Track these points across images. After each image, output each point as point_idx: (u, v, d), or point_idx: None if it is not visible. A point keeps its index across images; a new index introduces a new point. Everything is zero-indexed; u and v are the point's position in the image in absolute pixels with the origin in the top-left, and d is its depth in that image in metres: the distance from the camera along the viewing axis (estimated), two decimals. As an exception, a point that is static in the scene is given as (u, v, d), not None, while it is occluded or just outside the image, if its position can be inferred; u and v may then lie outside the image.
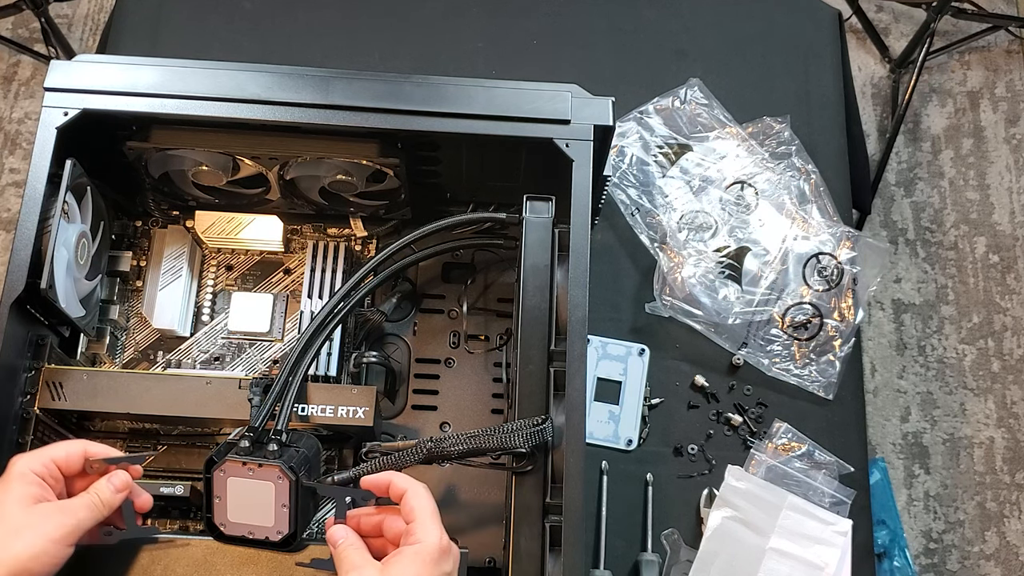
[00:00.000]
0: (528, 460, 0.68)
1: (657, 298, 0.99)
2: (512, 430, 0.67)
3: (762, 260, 1.01)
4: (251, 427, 0.71)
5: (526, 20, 1.16)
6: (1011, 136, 1.91)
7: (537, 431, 0.66)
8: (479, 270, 0.92)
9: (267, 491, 0.68)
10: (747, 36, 1.16)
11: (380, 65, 1.11)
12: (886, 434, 1.70)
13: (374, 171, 0.80)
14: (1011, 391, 1.72)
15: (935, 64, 1.94)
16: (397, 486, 0.64)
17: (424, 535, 0.61)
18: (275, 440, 0.71)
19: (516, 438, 0.66)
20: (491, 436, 0.67)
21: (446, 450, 0.68)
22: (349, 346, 0.86)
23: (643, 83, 1.11)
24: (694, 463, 0.95)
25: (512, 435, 0.66)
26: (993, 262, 1.81)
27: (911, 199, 1.86)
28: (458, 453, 0.68)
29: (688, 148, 1.07)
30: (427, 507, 0.63)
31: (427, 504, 0.63)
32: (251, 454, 0.69)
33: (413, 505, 0.62)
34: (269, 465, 0.68)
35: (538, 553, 0.66)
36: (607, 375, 0.97)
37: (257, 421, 0.72)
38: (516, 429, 0.67)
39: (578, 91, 0.78)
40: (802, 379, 0.98)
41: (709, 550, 0.90)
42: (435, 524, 0.62)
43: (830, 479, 0.93)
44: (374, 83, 0.76)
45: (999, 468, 1.68)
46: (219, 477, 0.69)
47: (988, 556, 1.63)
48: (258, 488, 0.68)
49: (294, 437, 0.73)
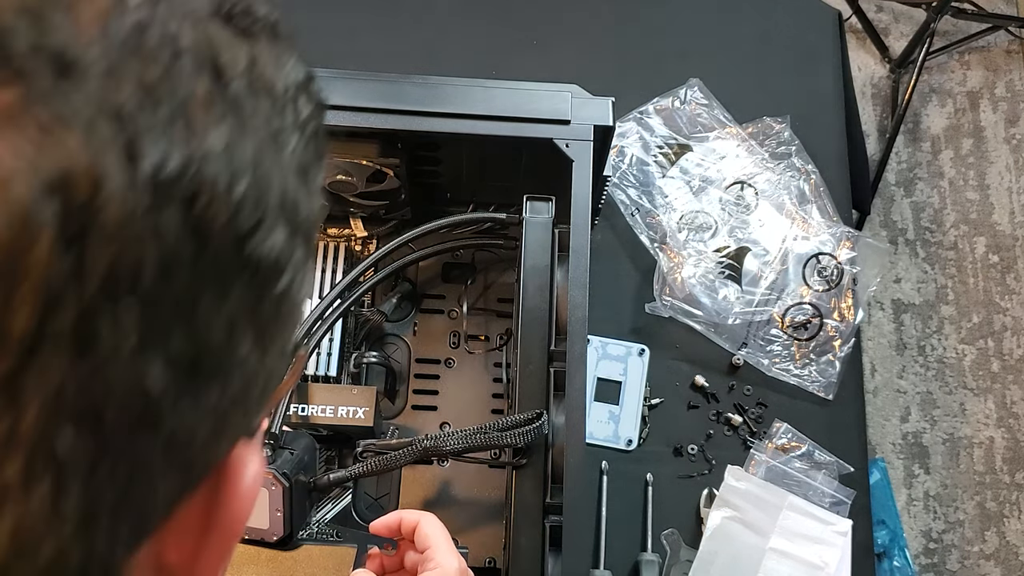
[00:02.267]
0: (524, 454, 0.68)
1: (657, 298, 0.99)
2: (508, 424, 0.67)
3: (762, 260, 1.01)
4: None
5: (526, 20, 1.16)
6: (1011, 136, 1.91)
7: (534, 429, 0.66)
8: (479, 270, 0.92)
9: (261, 497, 0.68)
10: (747, 36, 1.16)
11: (380, 65, 1.11)
12: (886, 434, 1.70)
13: (374, 171, 0.80)
14: (1011, 391, 1.72)
15: (935, 64, 1.94)
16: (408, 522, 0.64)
17: (442, 559, 0.61)
18: (268, 444, 0.70)
19: (512, 436, 0.66)
20: (487, 434, 0.67)
21: (442, 448, 0.68)
22: (349, 346, 0.86)
23: (643, 83, 1.11)
24: (694, 463, 0.95)
25: (508, 433, 0.66)
26: (993, 262, 1.81)
27: (911, 199, 1.86)
28: (454, 451, 0.68)
29: (688, 148, 1.07)
30: (440, 534, 0.63)
31: (440, 531, 0.63)
32: None
33: (427, 533, 0.63)
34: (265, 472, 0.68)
35: (538, 553, 0.66)
36: (607, 375, 0.97)
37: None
38: (512, 424, 0.67)
39: (578, 91, 0.78)
40: (802, 379, 0.98)
41: (709, 550, 0.90)
42: (450, 548, 0.63)
43: (830, 479, 0.93)
44: (374, 83, 0.76)
45: (999, 468, 1.68)
46: None
47: (988, 556, 1.63)
48: None
49: (288, 438, 0.73)
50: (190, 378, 0.20)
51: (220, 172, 0.20)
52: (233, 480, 0.25)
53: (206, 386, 0.21)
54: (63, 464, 0.18)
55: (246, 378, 0.23)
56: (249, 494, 0.25)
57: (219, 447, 0.23)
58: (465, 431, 0.68)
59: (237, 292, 0.21)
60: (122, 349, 0.19)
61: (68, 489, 0.19)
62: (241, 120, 0.21)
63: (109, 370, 0.18)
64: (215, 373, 0.21)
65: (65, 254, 0.17)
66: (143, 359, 0.19)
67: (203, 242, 0.20)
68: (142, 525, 0.21)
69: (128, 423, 0.19)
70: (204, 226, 0.20)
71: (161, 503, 0.22)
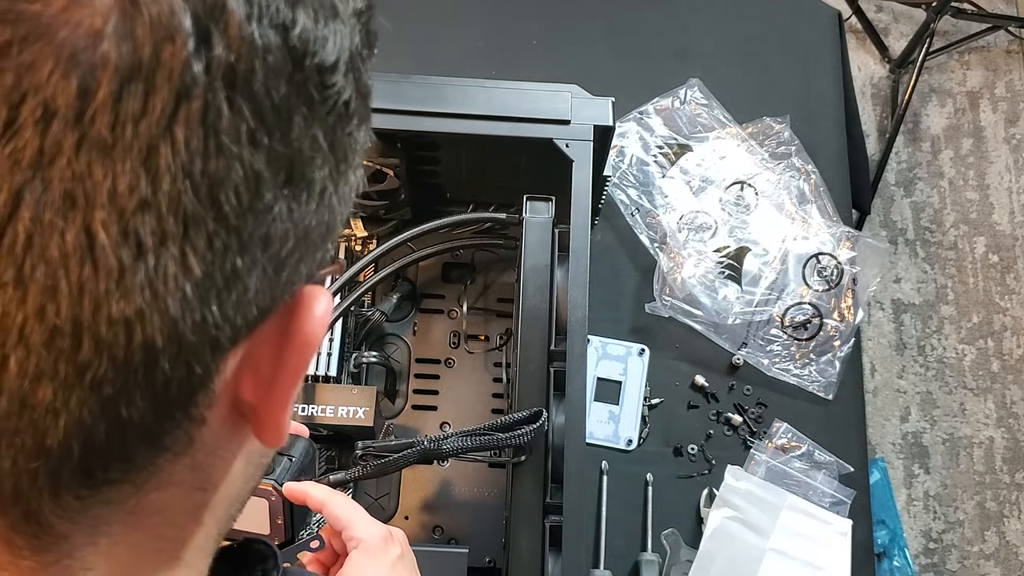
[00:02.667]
0: (524, 452, 0.68)
1: (657, 298, 0.99)
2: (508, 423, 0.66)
3: (762, 260, 1.01)
4: None
5: (526, 20, 1.16)
6: (1011, 136, 1.91)
7: (534, 429, 0.66)
8: (479, 270, 0.92)
9: (261, 506, 0.68)
10: (747, 36, 1.16)
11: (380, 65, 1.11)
12: (886, 434, 1.70)
13: (374, 171, 0.80)
14: (1011, 391, 1.73)
15: (935, 64, 1.94)
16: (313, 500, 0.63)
17: (360, 533, 0.60)
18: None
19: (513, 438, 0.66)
20: (487, 435, 0.67)
21: (441, 449, 0.68)
22: (349, 346, 0.86)
23: (643, 83, 1.11)
24: (694, 463, 0.95)
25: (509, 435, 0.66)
26: (993, 262, 1.81)
27: (911, 199, 1.86)
28: (454, 452, 0.68)
29: (688, 148, 1.07)
30: (351, 510, 0.62)
31: (349, 507, 0.62)
32: None
33: (337, 515, 0.62)
34: (261, 484, 0.68)
35: (538, 553, 0.66)
36: (607, 375, 0.97)
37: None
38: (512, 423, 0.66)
39: (578, 91, 0.78)
40: (802, 379, 0.98)
41: (709, 550, 0.90)
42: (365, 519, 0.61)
43: (830, 479, 0.93)
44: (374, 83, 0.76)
45: (999, 468, 1.68)
46: None
47: (988, 556, 1.63)
48: (252, 503, 0.68)
49: (286, 443, 0.72)
50: (286, 182, 0.24)
51: (308, 15, 0.24)
52: (304, 311, 0.27)
53: (296, 196, 0.25)
54: (189, 226, 0.22)
55: (323, 206, 0.26)
56: (318, 329, 0.27)
57: (299, 269, 0.26)
58: (465, 432, 0.68)
59: (320, 118, 0.25)
60: (239, 135, 0.22)
61: (191, 253, 0.22)
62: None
63: (226, 152, 0.22)
64: (304, 185, 0.25)
65: (195, 53, 0.21)
66: (254, 149, 0.23)
67: (298, 64, 0.24)
68: (241, 316, 0.24)
69: (240, 206, 0.23)
70: (298, 51, 0.24)
71: (253, 302, 0.25)
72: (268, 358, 0.27)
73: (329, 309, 0.29)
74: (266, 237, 0.24)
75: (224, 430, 0.27)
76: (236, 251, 0.23)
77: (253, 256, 0.24)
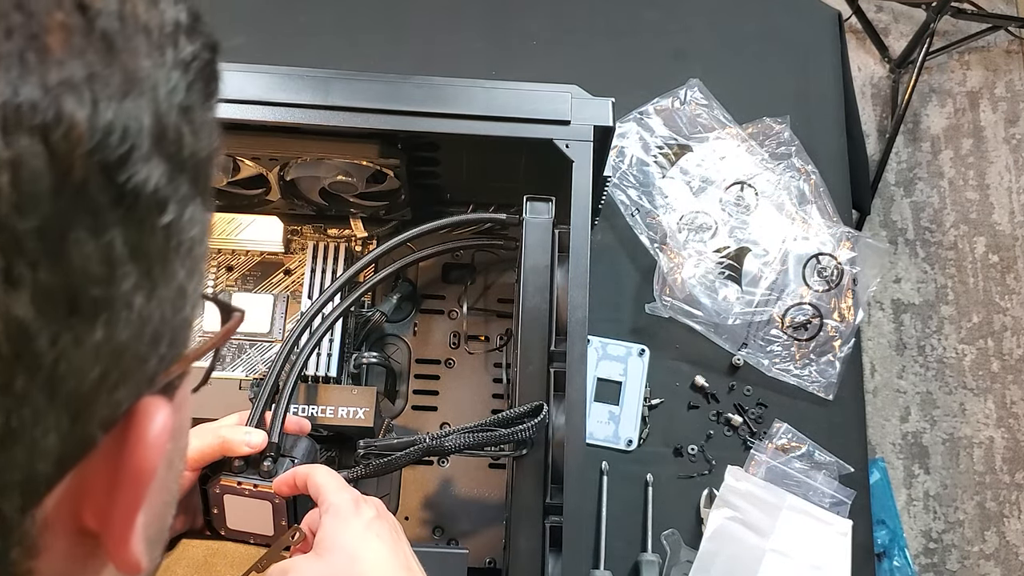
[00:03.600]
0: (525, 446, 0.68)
1: (657, 298, 0.99)
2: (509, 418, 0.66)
3: (762, 260, 1.01)
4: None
5: (526, 20, 1.16)
6: (1011, 136, 1.91)
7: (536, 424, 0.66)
8: (479, 270, 0.92)
9: (265, 509, 0.68)
10: (747, 36, 1.16)
11: (380, 65, 1.11)
12: (886, 434, 1.70)
13: (374, 172, 0.80)
14: (1011, 391, 1.73)
15: (935, 64, 1.94)
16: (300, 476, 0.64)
17: (332, 498, 0.60)
18: (269, 456, 0.69)
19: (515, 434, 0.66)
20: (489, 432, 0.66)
21: (443, 447, 0.68)
22: (349, 346, 0.86)
23: (643, 83, 1.11)
24: (694, 463, 0.95)
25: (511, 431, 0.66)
26: (993, 262, 1.81)
27: (911, 199, 1.86)
28: (455, 450, 0.68)
29: (688, 149, 1.07)
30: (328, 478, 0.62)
31: (327, 476, 0.62)
32: (244, 471, 0.68)
33: (317, 482, 0.62)
34: (264, 486, 0.67)
35: (538, 553, 0.66)
36: (607, 375, 0.97)
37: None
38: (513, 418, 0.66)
39: (578, 91, 0.78)
40: (802, 379, 0.98)
41: (709, 550, 0.90)
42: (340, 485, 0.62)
43: (830, 479, 0.93)
44: (374, 84, 0.76)
45: (999, 468, 1.68)
46: (215, 493, 0.69)
47: (988, 556, 1.63)
48: (256, 505, 0.68)
49: (288, 444, 0.72)
50: (68, 313, 0.20)
51: (80, 102, 0.20)
52: (134, 435, 0.24)
53: (88, 323, 0.21)
54: None
55: (136, 319, 0.22)
56: (155, 448, 0.24)
57: (114, 395, 0.23)
58: (467, 428, 0.68)
59: (113, 225, 0.21)
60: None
61: None
62: (109, 53, 0.21)
63: None
64: (97, 310, 0.21)
65: None
66: (11, 292, 0.19)
67: (64, 171, 0.19)
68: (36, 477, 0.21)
69: (4, 359, 0.19)
70: (63, 155, 0.19)
71: (55, 452, 0.21)
72: (101, 489, 0.24)
73: (166, 427, 0.25)
74: (50, 380, 0.20)
75: (73, 557, 0.25)
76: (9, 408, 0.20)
77: (35, 407, 0.20)
